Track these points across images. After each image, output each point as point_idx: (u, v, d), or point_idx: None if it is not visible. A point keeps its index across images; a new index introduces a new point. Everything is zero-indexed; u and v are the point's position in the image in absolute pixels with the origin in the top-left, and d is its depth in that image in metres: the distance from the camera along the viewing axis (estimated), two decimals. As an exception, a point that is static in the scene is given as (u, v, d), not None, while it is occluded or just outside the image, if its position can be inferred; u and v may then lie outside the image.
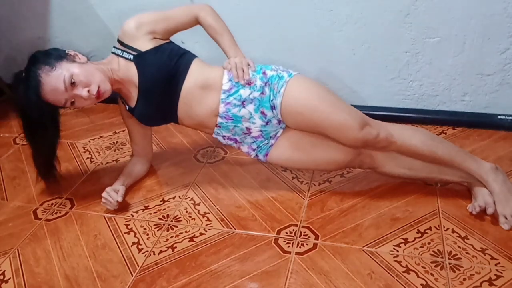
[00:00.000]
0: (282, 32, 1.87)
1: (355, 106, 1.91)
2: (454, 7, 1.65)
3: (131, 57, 1.36)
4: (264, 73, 1.35)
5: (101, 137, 1.96)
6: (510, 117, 1.78)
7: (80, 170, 1.73)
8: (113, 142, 1.92)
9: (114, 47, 1.41)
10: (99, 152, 1.85)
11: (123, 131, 1.98)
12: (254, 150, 1.46)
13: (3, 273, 1.27)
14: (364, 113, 1.58)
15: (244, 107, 1.35)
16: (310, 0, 1.78)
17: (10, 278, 1.25)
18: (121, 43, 1.38)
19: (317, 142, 1.40)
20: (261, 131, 1.40)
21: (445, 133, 1.81)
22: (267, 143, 1.44)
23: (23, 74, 1.32)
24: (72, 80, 1.28)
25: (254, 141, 1.44)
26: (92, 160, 1.79)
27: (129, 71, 1.37)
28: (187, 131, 1.94)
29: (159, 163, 1.73)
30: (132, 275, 1.23)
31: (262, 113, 1.36)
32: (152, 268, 1.25)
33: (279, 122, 1.39)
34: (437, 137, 1.43)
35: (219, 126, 1.40)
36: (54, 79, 1.27)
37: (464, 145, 1.71)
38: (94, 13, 2.07)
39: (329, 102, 1.32)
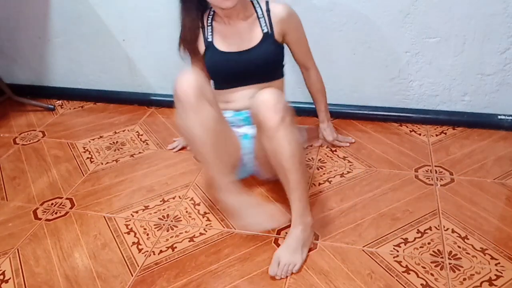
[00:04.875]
0: (282, 32, 1.87)
1: (355, 106, 1.94)
2: (454, 7, 1.65)
3: (265, 30, 1.43)
4: None
5: (101, 137, 1.96)
6: (510, 117, 1.78)
7: (80, 170, 1.73)
8: (113, 142, 1.92)
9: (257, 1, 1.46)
10: (99, 152, 1.85)
11: (123, 131, 1.99)
12: None
13: (3, 273, 1.27)
14: (364, 113, 1.59)
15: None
16: (310, 0, 1.78)
17: (10, 278, 1.25)
18: (268, 15, 1.44)
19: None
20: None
21: (445, 133, 1.81)
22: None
23: None
24: None
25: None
26: (92, 160, 1.79)
27: (253, 30, 1.43)
28: (187, 131, 1.94)
29: (159, 163, 1.73)
30: (132, 275, 1.23)
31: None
32: (152, 268, 1.25)
33: None
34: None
35: None
36: None
37: (464, 145, 1.71)
38: (94, 13, 2.07)
39: None
